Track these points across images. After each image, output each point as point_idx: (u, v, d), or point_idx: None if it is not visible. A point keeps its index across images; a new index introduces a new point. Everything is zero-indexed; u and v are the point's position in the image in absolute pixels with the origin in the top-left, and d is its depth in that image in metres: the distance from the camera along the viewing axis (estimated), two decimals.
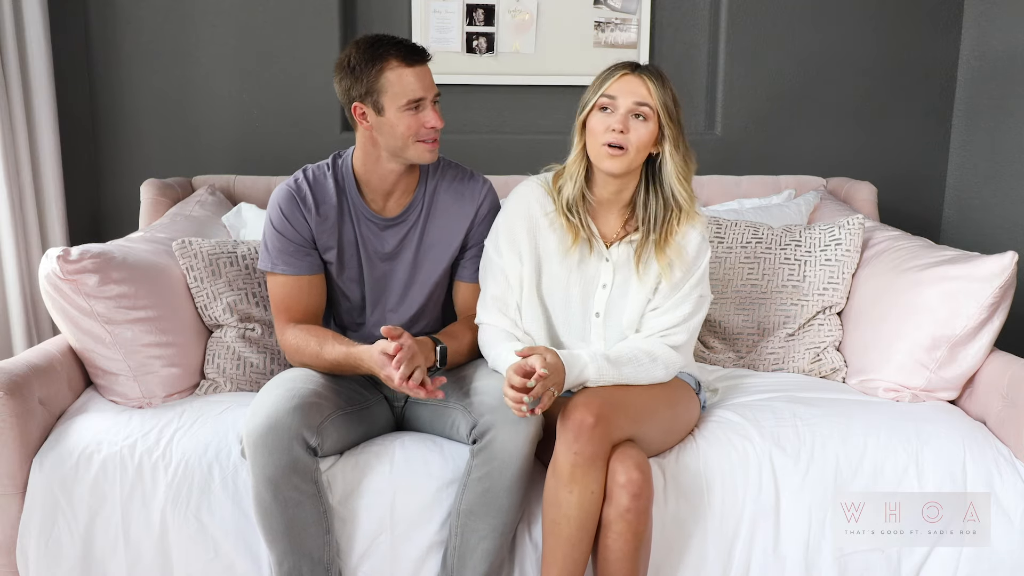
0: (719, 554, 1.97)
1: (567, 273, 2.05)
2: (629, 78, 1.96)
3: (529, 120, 3.27)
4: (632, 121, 1.94)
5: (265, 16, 3.16)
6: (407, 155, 2.03)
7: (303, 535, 1.86)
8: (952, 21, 3.28)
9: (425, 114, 1.99)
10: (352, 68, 1.98)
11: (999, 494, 1.97)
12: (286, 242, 2.07)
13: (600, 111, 1.97)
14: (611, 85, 1.96)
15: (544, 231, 2.05)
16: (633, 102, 1.94)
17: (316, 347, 2.01)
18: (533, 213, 2.05)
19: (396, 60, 1.96)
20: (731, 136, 3.30)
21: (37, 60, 2.91)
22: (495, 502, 1.86)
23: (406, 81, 1.96)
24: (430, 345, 1.99)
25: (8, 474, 1.95)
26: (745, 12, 3.23)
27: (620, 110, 1.94)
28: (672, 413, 2.00)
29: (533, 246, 2.05)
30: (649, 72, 1.97)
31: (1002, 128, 3.09)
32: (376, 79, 1.96)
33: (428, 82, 2.00)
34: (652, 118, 1.95)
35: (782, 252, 2.49)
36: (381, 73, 1.96)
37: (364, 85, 1.97)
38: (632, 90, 1.95)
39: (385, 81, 1.96)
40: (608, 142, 1.94)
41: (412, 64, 1.97)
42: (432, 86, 2.01)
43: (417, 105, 1.98)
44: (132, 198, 3.02)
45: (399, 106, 1.97)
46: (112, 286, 2.06)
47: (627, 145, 1.94)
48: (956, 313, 2.09)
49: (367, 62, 1.96)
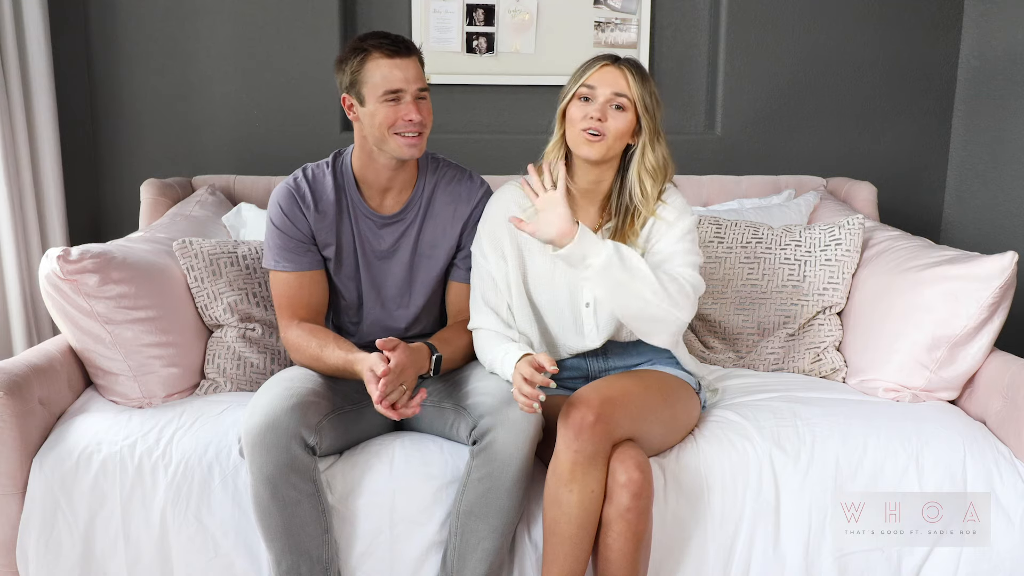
0: (719, 554, 1.97)
1: (551, 266, 2.06)
2: (609, 69, 1.99)
3: (529, 120, 3.27)
4: (610, 111, 1.98)
5: (265, 16, 3.16)
6: (387, 148, 2.03)
7: (301, 534, 1.86)
8: (952, 21, 3.28)
9: (404, 107, 1.99)
10: (341, 60, 2.04)
11: (999, 494, 1.97)
12: (286, 239, 2.08)
13: (580, 100, 2.00)
14: (591, 75, 2.00)
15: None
16: (612, 92, 1.97)
17: (317, 349, 2.01)
18: (511, 212, 2.06)
19: (378, 52, 1.98)
20: (731, 136, 3.30)
21: (37, 60, 2.91)
22: (495, 503, 1.86)
23: (384, 71, 1.98)
24: (426, 353, 1.98)
25: (8, 474, 1.95)
26: (745, 12, 3.23)
27: (599, 99, 1.98)
28: (672, 412, 2.00)
29: (515, 244, 2.07)
30: (629, 65, 2.01)
31: (1002, 128, 3.09)
32: (358, 70, 1.99)
33: (411, 75, 2.00)
34: (630, 109, 1.98)
35: (782, 252, 2.49)
36: (363, 64, 1.99)
37: (348, 76, 2.01)
38: (612, 81, 1.98)
39: (366, 72, 1.99)
40: (586, 128, 1.97)
41: (393, 56, 1.98)
42: (416, 80, 2.01)
43: (396, 97, 1.99)
44: (132, 198, 3.02)
45: (377, 96, 1.99)
46: (112, 286, 2.07)
47: (605, 131, 1.97)
48: (956, 313, 2.09)
49: (352, 53, 2.01)
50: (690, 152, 3.26)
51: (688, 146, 3.27)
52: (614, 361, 2.12)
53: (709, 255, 2.51)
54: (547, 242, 1.91)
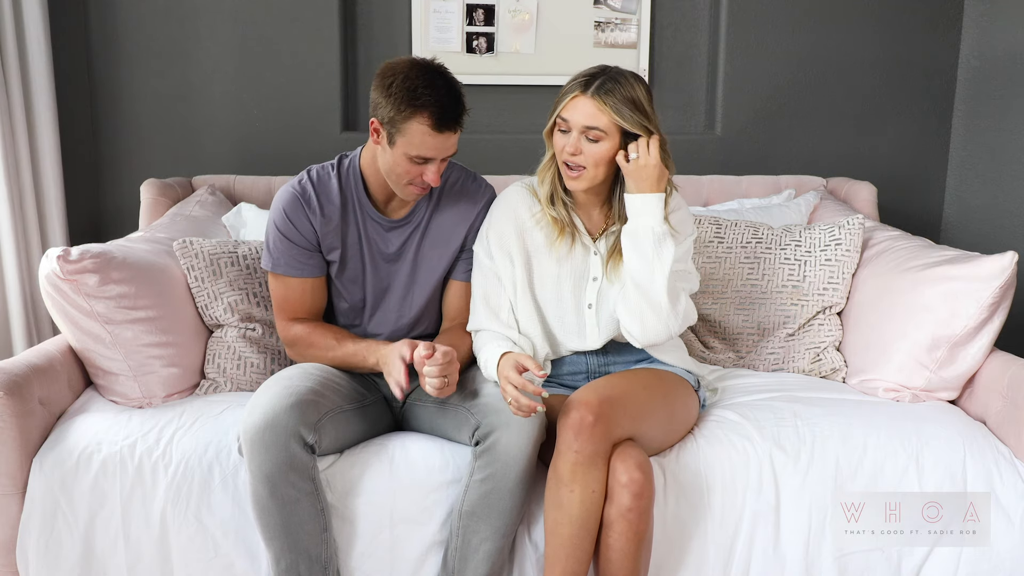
0: (719, 554, 1.97)
1: (557, 268, 2.06)
2: (579, 100, 1.95)
3: (529, 120, 3.26)
4: (584, 143, 1.95)
5: (265, 16, 3.16)
6: (393, 187, 2.05)
7: (300, 533, 1.86)
8: (952, 21, 3.28)
9: (427, 168, 1.99)
10: (390, 93, 1.95)
11: (999, 494, 1.97)
12: (289, 244, 2.08)
13: (559, 130, 1.99)
14: (565, 106, 1.97)
15: (531, 229, 2.07)
16: (583, 126, 1.95)
17: (330, 339, 2.06)
18: (519, 214, 2.07)
19: (428, 120, 1.93)
20: (731, 136, 3.30)
21: (37, 60, 2.91)
22: (497, 504, 1.86)
23: (426, 141, 1.94)
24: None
25: (8, 474, 1.95)
26: (745, 12, 3.23)
27: (573, 132, 1.96)
28: (671, 411, 2.01)
29: (522, 245, 2.07)
30: (600, 90, 1.93)
31: (1002, 128, 3.09)
32: (402, 121, 1.94)
33: (448, 145, 1.97)
34: (606, 137, 1.94)
35: (782, 252, 2.49)
36: (409, 120, 1.93)
37: (389, 115, 1.95)
38: (583, 113, 1.94)
39: (408, 128, 1.94)
40: (564, 161, 1.98)
41: (441, 131, 1.94)
42: (449, 149, 1.98)
43: (425, 160, 1.98)
44: (132, 198, 3.02)
45: (407, 155, 1.96)
46: (112, 286, 2.06)
47: (584, 164, 1.96)
48: (956, 313, 2.09)
49: (404, 101, 1.93)
50: (690, 152, 3.26)
51: (688, 146, 3.27)
52: (614, 357, 2.12)
53: (709, 255, 2.51)
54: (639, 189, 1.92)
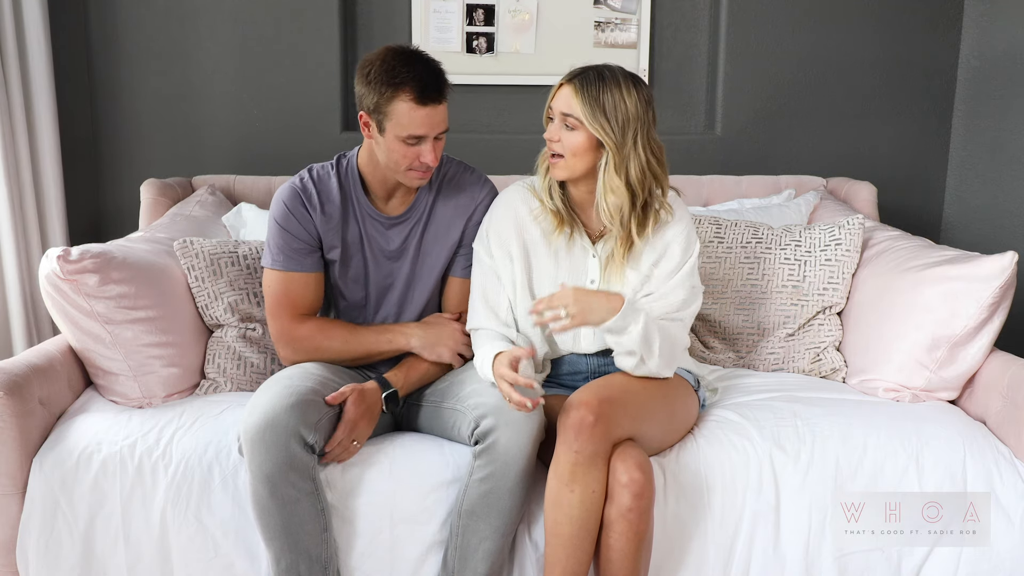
0: (719, 554, 1.97)
1: (555, 267, 2.07)
2: (563, 89, 1.99)
3: (529, 120, 3.26)
4: (563, 131, 1.98)
5: (265, 16, 3.16)
6: (396, 177, 2.05)
7: (300, 533, 1.86)
8: (952, 21, 3.28)
9: (422, 148, 1.98)
10: (369, 80, 1.96)
11: (999, 494, 1.97)
12: (290, 238, 2.08)
13: (548, 118, 2.03)
14: (552, 96, 2.02)
15: (530, 225, 2.08)
16: (561, 112, 1.98)
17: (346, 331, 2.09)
18: (519, 212, 2.08)
19: (410, 95, 1.93)
20: (731, 136, 3.30)
21: (37, 60, 2.91)
22: (497, 503, 1.86)
23: (413, 117, 1.94)
24: (378, 395, 2.00)
25: (8, 474, 1.95)
26: (745, 12, 3.23)
27: (555, 121, 2.00)
28: (671, 411, 2.01)
29: (521, 244, 2.08)
30: (580, 81, 1.95)
31: (1002, 128, 3.09)
32: (386, 103, 1.94)
33: (436, 120, 1.97)
34: (580, 128, 1.96)
35: (782, 252, 2.49)
36: (392, 100, 1.94)
37: (373, 102, 1.96)
38: (562, 99, 1.98)
39: (393, 109, 1.94)
40: (548, 149, 2.01)
41: (424, 104, 1.94)
42: (440, 124, 1.99)
43: (418, 140, 1.98)
44: (132, 198, 3.02)
45: (399, 136, 1.96)
46: (112, 286, 2.06)
47: (562, 152, 1.98)
48: (956, 313, 2.09)
49: (383, 83, 1.94)
50: (690, 152, 3.26)
51: (688, 146, 3.27)
52: (613, 357, 2.12)
53: (709, 255, 2.51)
54: (598, 324, 1.91)
